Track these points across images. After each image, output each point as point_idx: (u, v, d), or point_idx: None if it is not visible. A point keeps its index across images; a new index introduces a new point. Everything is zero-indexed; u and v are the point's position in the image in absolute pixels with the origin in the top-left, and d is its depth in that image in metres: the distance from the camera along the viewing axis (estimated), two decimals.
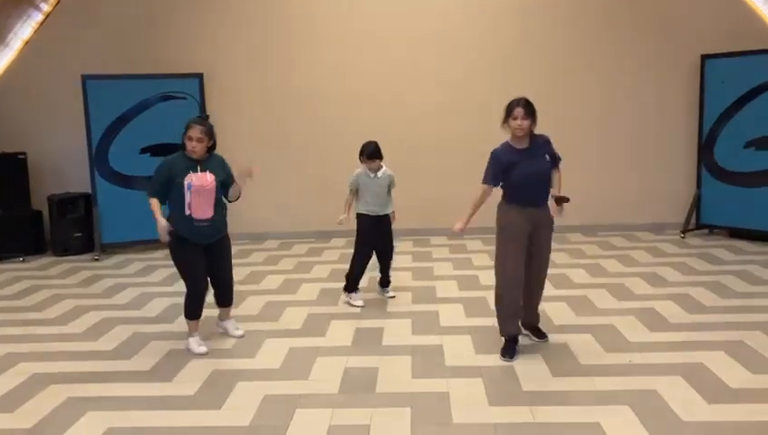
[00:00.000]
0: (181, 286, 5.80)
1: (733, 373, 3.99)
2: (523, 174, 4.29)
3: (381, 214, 5.61)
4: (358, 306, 5.56)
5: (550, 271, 4.62)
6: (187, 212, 4.46)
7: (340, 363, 4.35)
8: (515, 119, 4.25)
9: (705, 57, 7.70)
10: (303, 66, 8.27)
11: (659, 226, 8.25)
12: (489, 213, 4.51)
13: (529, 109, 4.26)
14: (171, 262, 4.69)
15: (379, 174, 5.54)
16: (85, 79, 7.64)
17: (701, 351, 4.36)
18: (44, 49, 8.20)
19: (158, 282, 6.59)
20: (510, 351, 4.39)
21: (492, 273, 4.56)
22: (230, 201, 4.78)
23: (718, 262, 6.69)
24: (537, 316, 4.67)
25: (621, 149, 8.22)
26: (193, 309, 4.69)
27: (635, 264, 6.72)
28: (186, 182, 4.43)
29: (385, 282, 5.84)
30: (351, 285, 5.68)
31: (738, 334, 4.62)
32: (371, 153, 5.46)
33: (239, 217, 8.41)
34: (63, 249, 7.93)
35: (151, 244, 7.97)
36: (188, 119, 4.56)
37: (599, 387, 3.89)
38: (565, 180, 4.58)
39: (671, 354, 4.33)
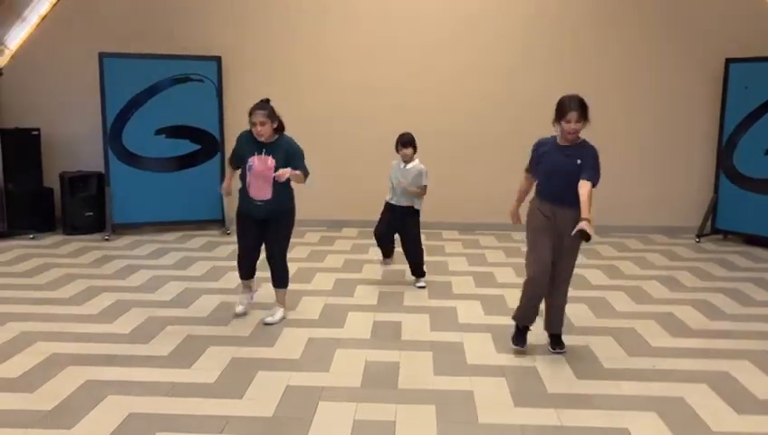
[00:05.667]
0: (194, 271, 5.82)
1: (760, 383, 3.96)
2: (548, 166, 4.13)
3: None
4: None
5: None
6: (247, 189, 4.74)
7: (361, 357, 4.31)
8: (569, 122, 3.97)
9: (729, 61, 7.62)
10: (328, 52, 8.19)
11: (674, 229, 8.19)
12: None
13: (583, 111, 3.97)
14: (183, 245, 4.66)
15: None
16: (102, 57, 7.55)
17: (726, 359, 4.32)
18: (60, 24, 8.11)
19: (170, 265, 6.52)
20: (519, 339, 4.36)
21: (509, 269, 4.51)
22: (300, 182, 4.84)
23: (735, 268, 6.64)
24: (553, 321, 4.40)
25: (639, 150, 8.15)
26: (239, 270, 5.04)
27: (651, 266, 6.67)
28: (248, 163, 4.69)
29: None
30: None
31: (763, 344, 4.58)
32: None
33: None
34: (73, 228, 7.86)
35: (163, 226, 7.94)
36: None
37: (625, 391, 3.85)
38: None
39: (695, 361, 4.29)
